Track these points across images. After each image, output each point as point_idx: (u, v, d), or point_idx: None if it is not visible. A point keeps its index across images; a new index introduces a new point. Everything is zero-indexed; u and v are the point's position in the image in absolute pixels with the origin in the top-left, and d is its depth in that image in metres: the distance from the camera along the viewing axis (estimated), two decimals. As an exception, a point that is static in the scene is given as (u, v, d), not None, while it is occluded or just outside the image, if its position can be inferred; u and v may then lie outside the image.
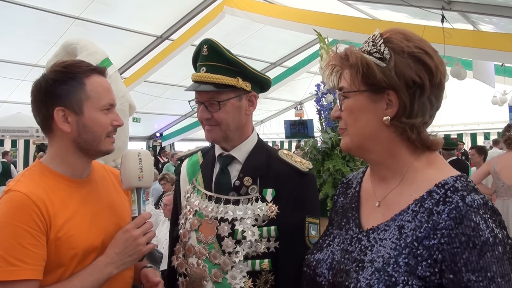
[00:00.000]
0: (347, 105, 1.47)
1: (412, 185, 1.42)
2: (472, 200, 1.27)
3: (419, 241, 1.29)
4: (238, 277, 1.91)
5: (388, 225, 1.40)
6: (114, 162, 3.74)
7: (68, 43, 3.79)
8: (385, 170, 1.50)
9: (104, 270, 1.76)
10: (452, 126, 16.30)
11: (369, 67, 1.39)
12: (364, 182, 1.65)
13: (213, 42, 1.98)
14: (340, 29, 8.13)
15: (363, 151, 1.51)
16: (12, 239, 1.61)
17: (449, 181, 1.35)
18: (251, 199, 1.98)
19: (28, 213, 1.64)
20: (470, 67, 9.24)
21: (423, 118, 1.41)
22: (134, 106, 3.94)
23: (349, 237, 1.51)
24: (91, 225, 1.81)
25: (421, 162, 1.44)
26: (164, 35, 12.22)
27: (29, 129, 13.93)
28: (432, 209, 1.32)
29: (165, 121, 19.80)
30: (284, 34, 12.70)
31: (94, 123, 1.82)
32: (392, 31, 1.44)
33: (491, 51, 7.16)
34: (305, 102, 18.85)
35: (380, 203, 1.50)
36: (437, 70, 1.39)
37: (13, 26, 10.20)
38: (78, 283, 1.71)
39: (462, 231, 1.23)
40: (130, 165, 1.90)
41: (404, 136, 1.42)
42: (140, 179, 1.89)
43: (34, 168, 1.83)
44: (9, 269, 1.59)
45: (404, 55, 1.37)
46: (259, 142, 2.14)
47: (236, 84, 1.96)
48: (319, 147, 3.92)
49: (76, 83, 1.79)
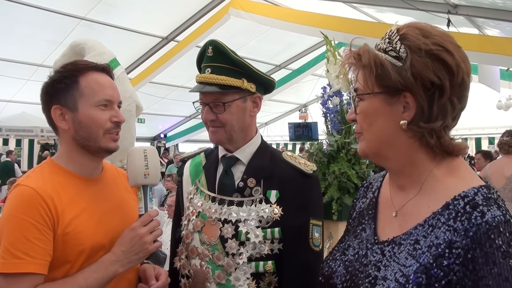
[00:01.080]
0: (362, 108, 1.37)
1: (430, 196, 1.33)
2: (492, 217, 1.17)
3: (433, 260, 1.21)
4: (242, 278, 1.91)
5: (404, 239, 1.32)
6: (120, 163, 3.75)
7: (76, 43, 3.81)
8: (404, 178, 1.40)
9: (110, 268, 1.75)
10: (456, 130, 15.86)
11: (383, 67, 1.29)
12: (383, 188, 1.56)
13: (218, 43, 1.98)
14: (345, 32, 8.12)
15: (381, 158, 1.41)
16: (18, 232, 1.62)
17: (469, 194, 1.25)
18: (255, 201, 1.98)
19: (35, 207, 1.66)
20: (475, 72, 9.22)
21: (443, 121, 1.29)
22: (141, 106, 3.95)
23: (364, 247, 1.44)
24: (99, 223, 1.82)
25: (442, 169, 1.34)
26: (169, 37, 12.23)
27: (34, 128, 13.97)
28: (449, 224, 1.23)
29: (169, 122, 19.82)
30: (289, 37, 12.71)
31: (89, 119, 1.82)
32: (409, 27, 1.32)
33: (496, 55, 7.15)
34: (310, 105, 18.81)
35: (397, 213, 1.41)
36: (458, 68, 1.27)
37: (19, 26, 10.24)
38: (82, 280, 1.71)
39: (479, 253, 1.15)
40: (136, 162, 1.89)
41: (423, 142, 1.32)
42: (146, 177, 1.87)
43: (45, 165, 1.86)
44: (14, 262, 1.60)
45: (421, 54, 1.26)
46: (263, 143, 2.14)
47: (241, 85, 1.96)
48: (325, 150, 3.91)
49: (70, 81, 1.82)
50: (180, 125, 19.83)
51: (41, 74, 1.94)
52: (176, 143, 20.47)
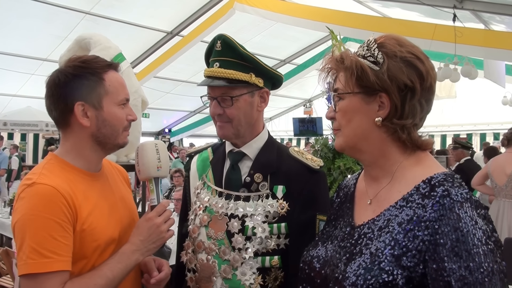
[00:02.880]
0: (341, 106, 1.53)
1: (401, 183, 1.47)
2: (456, 194, 1.31)
3: (404, 233, 1.34)
4: (248, 273, 1.92)
5: (377, 219, 1.46)
6: (126, 157, 3.76)
7: (82, 37, 3.81)
8: (377, 169, 1.55)
9: (131, 257, 1.81)
10: (461, 126, 16.21)
11: (363, 70, 1.44)
12: (359, 183, 1.71)
13: (227, 37, 1.98)
14: (350, 27, 8.11)
15: (356, 151, 1.57)
16: (44, 232, 1.63)
17: (436, 177, 1.40)
18: (261, 196, 1.98)
19: (57, 205, 1.67)
20: (481, 67, 9.18)
21: (413, 119, 1.46)
22: (147, 101, 3.96)
23: (342, 233, 1.57)
24: (109, 218, 1.84)
25: (411, 160, 1.50)
26: (174, 31, 12.22)
27: (39, 123, 13.99)
28: (418, 203, 1.37)
29: (174, 117, 19.84)
30: (294, 32, 12.68)
31: (113, 117, 1.85)
32: (386, 37, 1.49)
33: (502, 50, 7.12)
34: (314, 100, 18.80)
35: (372, 201, 1.55)
36: (427, 74, 1.45)
37: (24, 21, 10.24)
38: (109, 271, 1.74)
39: (445, 222, 1.27)
40: (149, 156, 1.95)
41: (395, 136, 1.48)
42: (158, 169, 1.95)
43: (52, 162, 1.84)
44: (43, 261, 1.61)
45: (396, 59, 1.43)
46: (270, 139, 2.14)
47: (249, 79, 1.96)
48: (330, 145, 3.92)
49: (96, 78, 1.82)
50: (185, 120, 19.84)
51: (46, 69, 1.93)
52: (181, 137, 20.49)
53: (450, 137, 15.24)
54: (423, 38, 6.95)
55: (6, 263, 5.54)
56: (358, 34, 8.38)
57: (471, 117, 15.60)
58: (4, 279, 6.02)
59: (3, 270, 6.18)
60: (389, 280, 1.29)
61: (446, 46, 7.20)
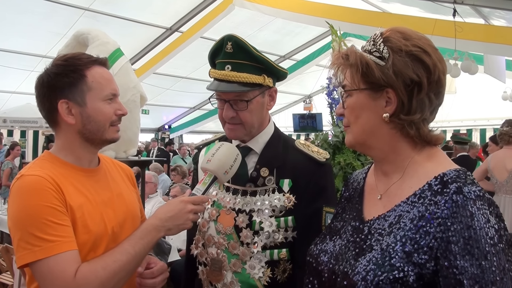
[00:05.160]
0: (349, 103, 1.52)
1: (412, 178, 1.46)
2: (469, 191, 1.30)
3: (416, 230, 1.33)
4: (257, 267, 1.93)
5: (388, 215, 1.45)
6: (125, 153, 3.75)
7: (79, 33, 3.78)
8: (388, 165, 1.54)
9: (153, 232, 1.78)
10: (461, 121, 16.18)
11: (368, 66, 1.44)
12: (368, 177, 1.69)
13: (238, 39, 1.95)
14: (350, 22, 8.09)
15: (366, 148, 1.56)
16: (42, 218, 1.62)
17: (448, 173, 1.39)
18: (268, 190, 2.00)
19: (47, 191, 1.66)
20: (481, 62, 9.17)
21: (422, 114, 1.44)
22: (145, 97, 3.94)
23: (351, 228, 1.56)
24: (102, 212, 1.83)
25: (422, 156, 1.48)
26: (173, 27, 12.17)
27: (39, 120, 13.93)
28: (430, 199, 1.36)
29: (173, 113, 19.81)
30: (294, 27, 12.66)
31: (98, 113, 1.84)
32: (392, 31, 1.48)
33: (502, 45, 7.12)
34: (314, 96, 18.78)
35: (382, 196, 1.54)
36: (435, 67, 1.42)
37: (23, 17, 10.20)
38: (130, 247, 1.73)
39: (458, 220, 1.26)
40: (227, 158, 1.90)
41: (404, 132, 1.47)
42: (225, 174, 1.90)
43: (44, 158, 1.86)
44: (49, 246, 1.60)
45: (402, 54, 1.41)
46: (276, 132, 2.15)
47: (262, 82, 1.96)
48: (330, 141, 3.91)
49: (77, 76, 1.82)
50: (185, 116, 19.82)
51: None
52: (180, 134, 20.49)
53: (450, 132, 15.23)
54: (423, 33, 6.89)
55: (6, 260, 5.55)
56: (358, 30, 8.37)
57: (471, 112, 15.57)
58: (4, 275, 6.03)
59: (3, 267, 6.18)
60: (400, 277, 1.29)
61: (446, 41, 7.17)
